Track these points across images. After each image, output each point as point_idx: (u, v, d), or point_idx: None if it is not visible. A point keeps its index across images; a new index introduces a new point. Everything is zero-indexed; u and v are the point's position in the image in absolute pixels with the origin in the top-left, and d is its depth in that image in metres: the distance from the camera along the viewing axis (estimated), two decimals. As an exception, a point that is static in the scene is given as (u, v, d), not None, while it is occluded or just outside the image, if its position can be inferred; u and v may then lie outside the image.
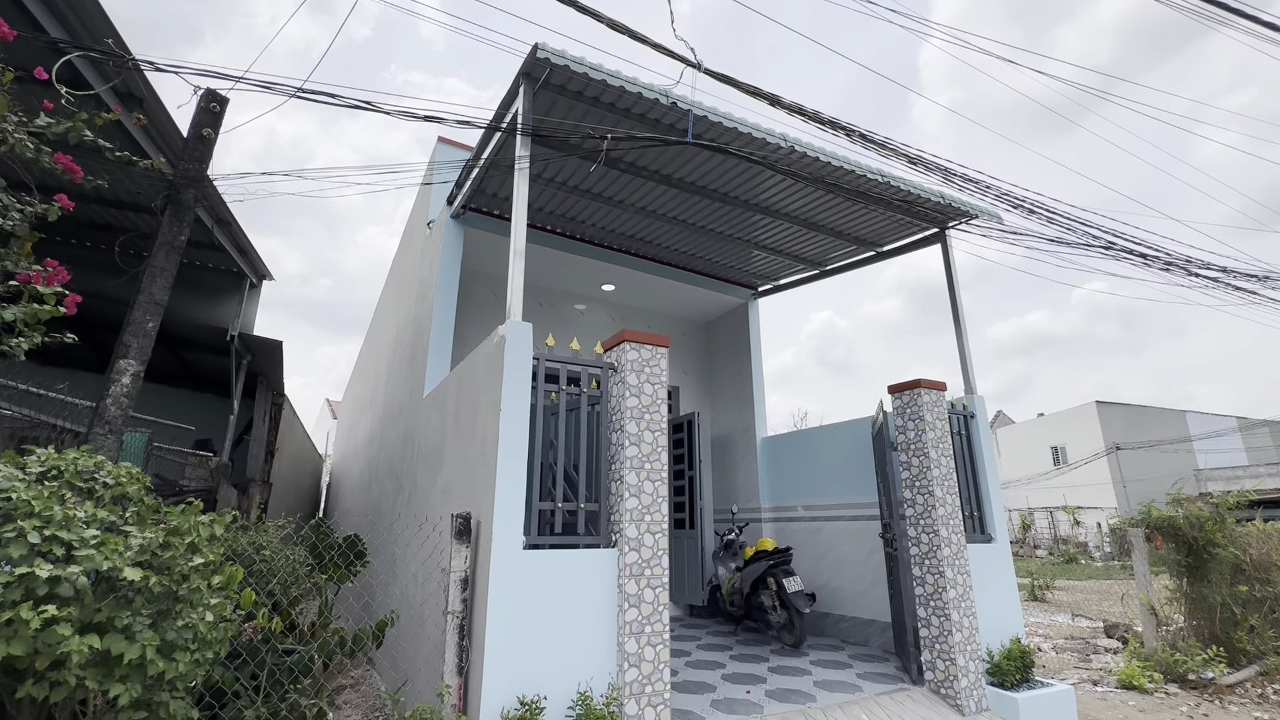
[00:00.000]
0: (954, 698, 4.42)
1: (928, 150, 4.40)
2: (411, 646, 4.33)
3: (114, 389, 2.84)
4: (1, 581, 1.55)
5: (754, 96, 3.97)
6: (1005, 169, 61.51)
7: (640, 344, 3.89)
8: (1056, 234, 4.79)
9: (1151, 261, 5.03)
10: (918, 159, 4.40)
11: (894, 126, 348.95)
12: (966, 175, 4.50)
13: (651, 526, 3.60)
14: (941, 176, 4.51)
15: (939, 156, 4.38)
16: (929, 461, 4.87)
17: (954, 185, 4.60)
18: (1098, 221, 4.96)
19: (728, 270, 8.04)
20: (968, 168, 4.51)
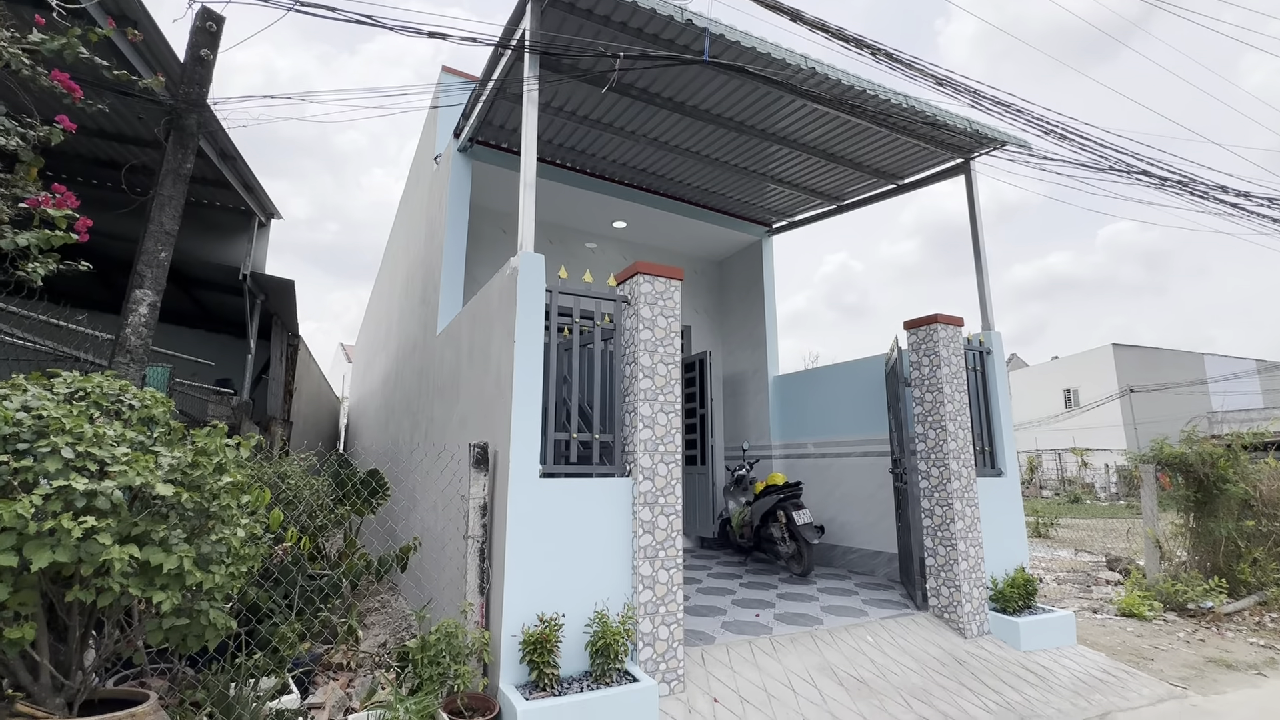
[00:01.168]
0: (956, 622, 4.57)
1: (956, 73, 4.16)
2: (434, 570, 4.51)
3: (132, 318, 2.86)
4: (41, 493, 1.61)
5: (774, 10, 3.74)
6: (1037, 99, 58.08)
7: (654, 276, 3.83)
8: (1090, 162, 4.58)
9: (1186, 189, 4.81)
10: (945, 80, 4.18)
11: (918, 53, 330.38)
12: (996, 99, 4.27)
13: (665, 457, 3.65)
14: (970, 100, 4.29)
15: (968, 78, 4.15)
16: (942, 397, 4.86)
17: (982, 110, 4.38)
18: (1134, 149, 4.73)
19: (742, 206, 7.84)
20: (998, 89, 4.28)
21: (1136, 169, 4.79)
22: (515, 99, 5.38)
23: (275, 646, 2.95)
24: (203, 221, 6.86)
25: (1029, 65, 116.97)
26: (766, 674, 3.72)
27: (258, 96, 3.13)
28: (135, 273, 2.89)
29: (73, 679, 1.92)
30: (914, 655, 4.18)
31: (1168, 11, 5.98)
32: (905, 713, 3.46)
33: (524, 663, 3.06)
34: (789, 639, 4.16)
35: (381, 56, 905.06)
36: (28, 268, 2.12)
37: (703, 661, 3.75)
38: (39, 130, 2.14)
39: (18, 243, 2.09)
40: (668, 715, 3.20)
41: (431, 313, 6.14)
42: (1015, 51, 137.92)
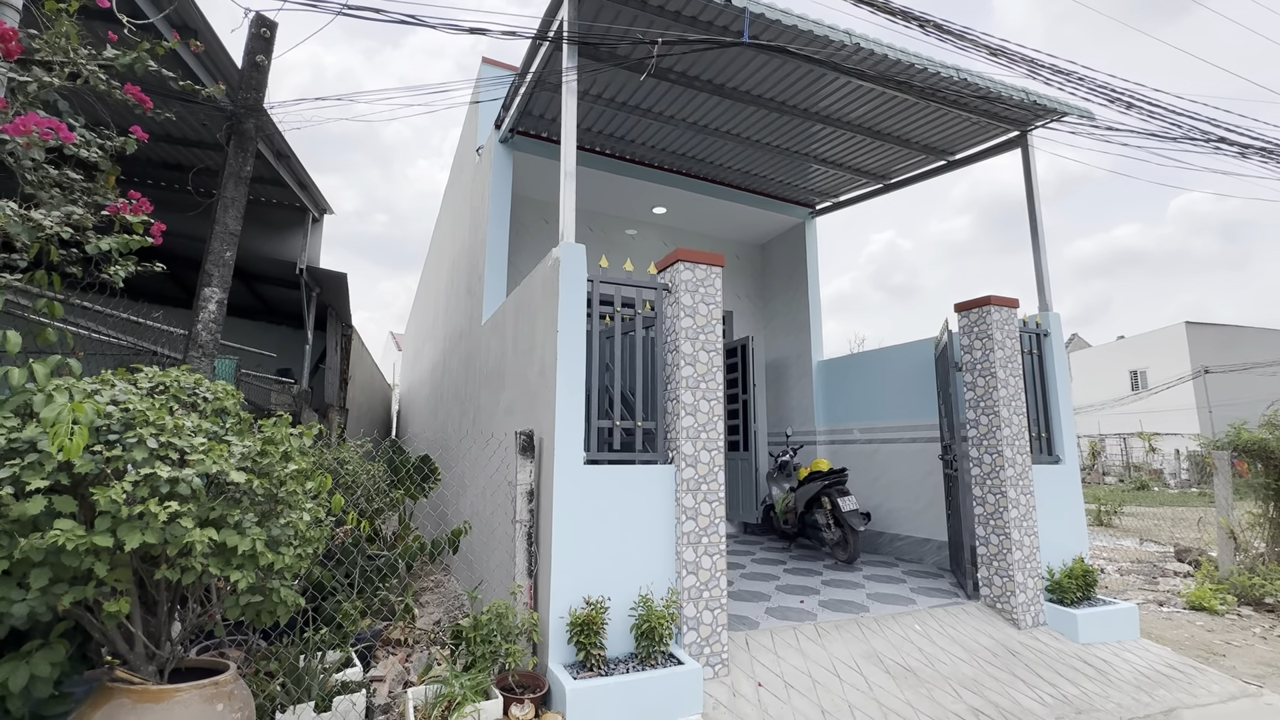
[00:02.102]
0: (1010, 612, 4.45)
1: (1012, 41, 3.95)
2: (483, 552, 4.67)
3: (202, 315, 3.06)
4: (130, 480, 1.75)
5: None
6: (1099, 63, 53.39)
7: (694, 263, 3.82)
8: (1161, 130, 4.30)
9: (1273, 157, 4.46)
10: (1000, 49, 3.97)
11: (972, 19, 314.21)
12: (1056, 67, 4.04)
13: (707, 444, 3.67)
14: (1027, 69, 4.08)
15: (1024, 46, 3.94)
16: (996, 381, 4.69)
17: (1041, 80, 4.15)
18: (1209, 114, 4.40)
19: (784, 188, 7.69)
20: (1058, 57, 4.05)
21: (1214, 136, 4.47)
22: (554, 88, 5.41)
23: (340, 623, 3.13)
24: (261, 219, 7.19)
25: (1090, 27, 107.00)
26: (811, 660, 3.73)
27: (310, 99, 3.27)
28: (204, 272, 3.07)
29: (162, 649, 2.10)
30: (964, 645, 4.10)
31: (1252, -39, 5.47)
32: (954, 702, 3.41)
33: (571, 643, 3.15)
34: (834, 626, 4.14)
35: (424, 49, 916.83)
36: (110, 270, 2.29)
37: (746, 646, 3.78)
38: (115, 140, 2.29)
39: (100, 247, 2.25)
40: (712, 698, 3.25)
41: (477, 303, 6.29)
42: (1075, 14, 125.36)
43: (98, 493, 1.70)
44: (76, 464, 1.70)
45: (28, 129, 1.85)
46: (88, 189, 2.26)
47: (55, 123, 1.92)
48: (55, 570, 1.71)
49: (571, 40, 3.63)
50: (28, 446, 1.75)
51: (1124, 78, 3.92)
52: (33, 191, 2.03)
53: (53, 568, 1.71)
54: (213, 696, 2.00)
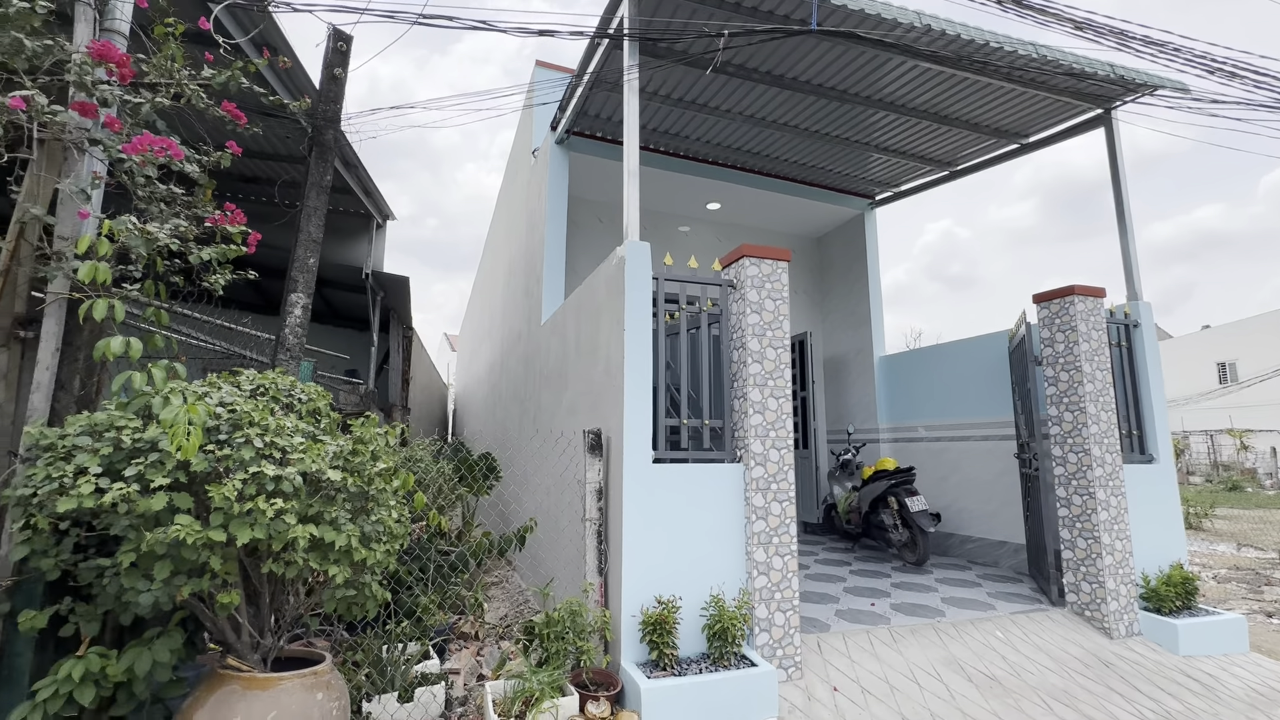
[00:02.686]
0: (1100, 620, 4.20)
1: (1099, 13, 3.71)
2: (549, 550, 4.73)
3: (289, 320, 3.21)
4: (240, 478, 1.84)
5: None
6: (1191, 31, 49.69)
7: (760, 258, 3.76)
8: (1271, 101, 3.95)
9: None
10: (1085, 23, 3.73)
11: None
12: (1148, 38, 3.77)
13: (776, 442, 3.60)
14: (1115, 42, 3.81)
15: (1112, 17, 3.69)
16: (1081, 376, 4.43)
17: (1129, 53, 3.88)
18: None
19: (842, 179, 7.48)
20: (1150, 27, 3.77)
21: (1330, 104, 4.07)
22: (612, 87, 5.43)
23: (419, 616, 3.22)
24: (330, 226, 7.47)
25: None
26: (887, 665, 3.61)
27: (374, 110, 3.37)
28: (289, 278, 3.22)
29: (265, 638, 2.20)
30: (1051, 654, 3.89)
31: (1371, -90, 4.95)
32: (1046, 715, 3.23)
33: (643, 642, 3.15)
34: (909, 630, 4.00)
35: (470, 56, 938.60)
36: (210, 279, 2.42)
37: (819, 649, 3.69)
38: (212, 155, 2.42)
39: (202, 257, 2.38)
40: (786, 701, 3.19)
41: (535, 304, 6.38)
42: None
43: (213, 489, 1.79)
44: (193, 462, 1.80)
45: (144, 147, 1.97)
46: (188, 203, 2.38)
47: (168, 141, 2.04)
48: (174, 563, 1.82)
49: (633, 36, 3.62)
50: (149, 446, 1.86)
51: (1226, 46, 3.61)
52: (144, 206, 2.16)
53: (172, 560, 1.81)
54: (313, 685, 2.09)
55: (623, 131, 6.37)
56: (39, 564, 1.83)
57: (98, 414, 1.89)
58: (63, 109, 1.93)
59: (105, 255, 1.94)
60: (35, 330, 2.12)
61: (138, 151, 1.98)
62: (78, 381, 2.14)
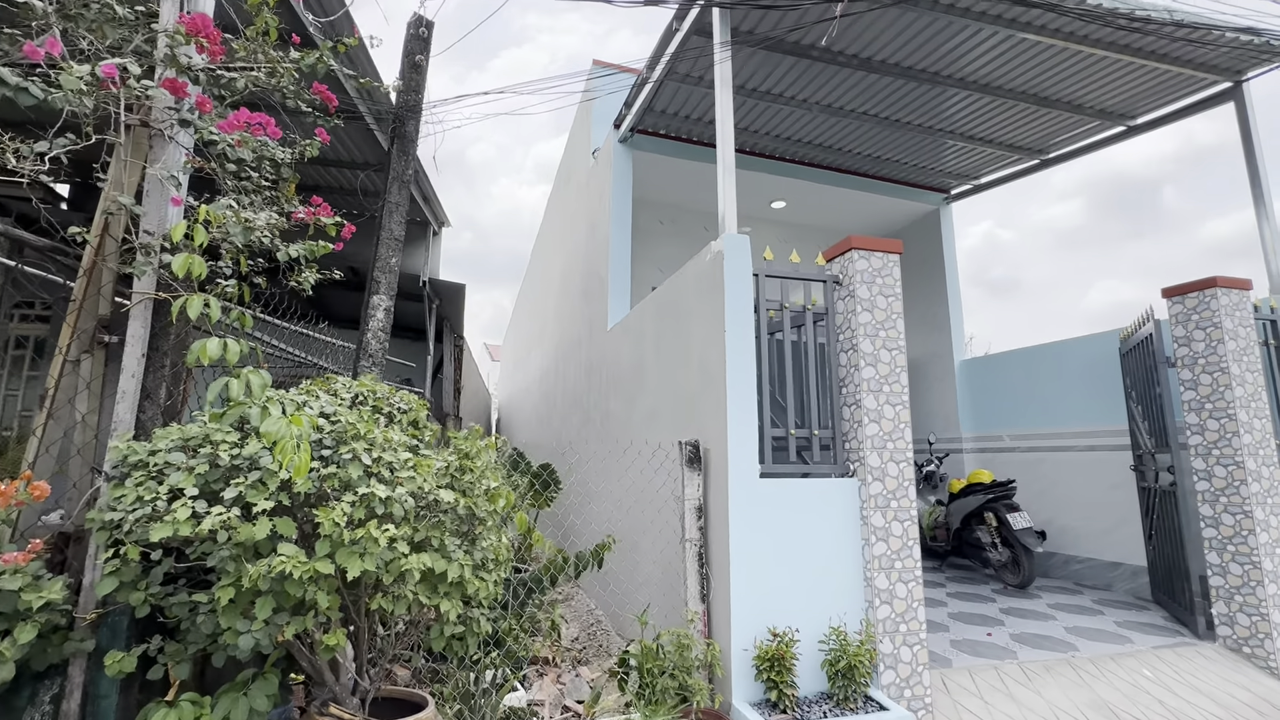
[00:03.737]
0: (1265, 659, 3.66)
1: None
2: (626, 570, 4.42)
3: (371, 323, 3.02)
4: (348, 500, 1.59)
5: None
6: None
7: (870, 251, 3.40)
8: None
9: None
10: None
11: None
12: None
13: (895, 455, 3.22)
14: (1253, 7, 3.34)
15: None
16: (1228, 379, 3.92)
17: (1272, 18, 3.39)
18: None
19: (916, 172, 7.05)
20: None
21: None
22: (683, 79, 5.16)
23: (509, 645, 2.94)
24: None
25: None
26: (1026, 708, 3.17)
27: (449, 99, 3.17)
28: (371, 279, 3.03)
29: (363, 679, 1.95)
30: (1215, 699, 3.38)
31: None
32: (1234, 775, 2.76)
33: (758, 680, 2.81)
34: (1043, 667, 3.55)
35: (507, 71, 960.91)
36: (300, 277, 2.21)
37: (945, 688, 3.28)
38: (300, 143, 2.22)
39: (290, 254, 2.17)
40: (923, 751, 2.80)
41: (598, 308, 6.13)
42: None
43: (321, 514, 1.54)
44: (297, 483, 1.56)
45: (240, 125, 1.76)
46: (273, 197, 2.18)
47: (264, 117, 1.83)
48: (277, 599, 1.57)
49: (725, 4, 3.31)
50: (248, 464, 1.63)
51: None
52: (235, 197, 1.95)
53: (275, 596, 1.57)
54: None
55: (690, 127, 6.15)
56: (127, 597, 1.61)
57: (191, 426, 1.68)
58: (154, 84, 1.74)
59: (201, 245, 1.74)
60: (120, 334, 1.93)
61: (233, 129, 1.77)
62: (164, 390, 1.94)
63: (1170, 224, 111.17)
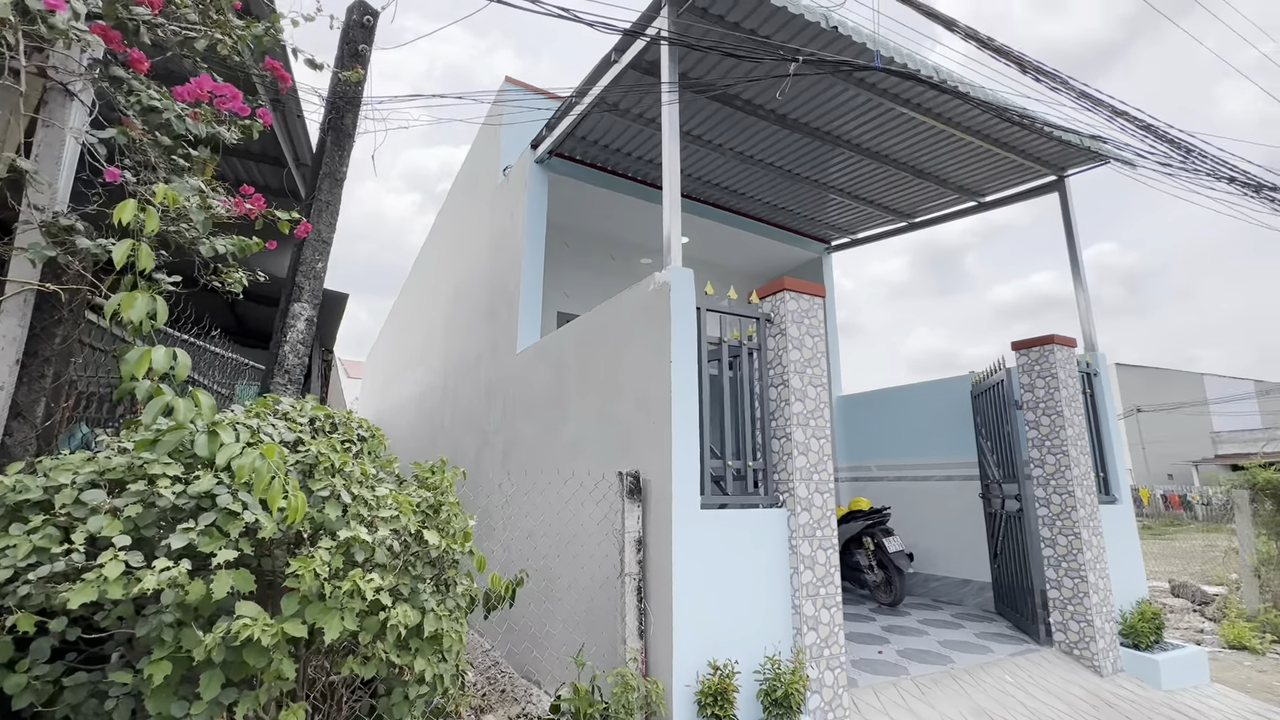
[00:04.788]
0: (1090, 659, 4.33)
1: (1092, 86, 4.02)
2: (538, 606, 4.21)
3: (290, 334, 2.59)
4: (326, 546, 1.34)
5: (929, 18, 3.59)
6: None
7: (800, 293, 3.63)
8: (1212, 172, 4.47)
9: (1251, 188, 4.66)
10: (1083, 93, 4.04)
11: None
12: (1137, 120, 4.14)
13: (820, 485, 3.42)
14: (1107, 115, 4.15)
15: (1104, 93, 4.02)
16: (1062, 421, 4.67)
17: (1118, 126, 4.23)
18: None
19: (805, 222, 7.70)
20: (1127, 105, 4.16)
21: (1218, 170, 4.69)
22: (608, 111, 5.22)
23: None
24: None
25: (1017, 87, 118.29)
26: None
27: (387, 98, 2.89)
28: (293, 285, 2.62)
29: (296, 758, 1.63)
30: (1060, 697, 3.93)
31: (1152, 35, 5.93)
32: (1088, 765, 3.20)
33: (701, 716, 2.78)
34: (930, 680, 3.90)
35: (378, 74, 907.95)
36: (230, 278, 1.86)
37: (856, 707, 3.48)
38: (241, 122, 1.90)
39: (216, 248, 1.83)
40: (847, 772, 2.93)
41: (505, 328, 5.90)
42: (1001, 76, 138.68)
43: (299, 565, 1.28)
44: (265, 527, 1.29)
45: (203, 94, 1.46)
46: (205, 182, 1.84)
47: (229, 88, 1.53)
48: (228, 671, 1.27)
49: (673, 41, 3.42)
50: (192, 504, 1.32)
51: (1180, 128, 4.03)
52: (167, 177, 1.62)
53: (225, 668, 1.26)
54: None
55: (609, 157, 6.20)
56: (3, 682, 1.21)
57: (110, 457, 1.32)
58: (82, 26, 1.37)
59: (151, 233, 1.38)
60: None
61: (193, 97, 1.46)
62: (42, 408, 1.51)
63: (969, 286, 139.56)
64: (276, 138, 4.09)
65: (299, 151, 5.10)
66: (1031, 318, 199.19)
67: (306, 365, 2.71)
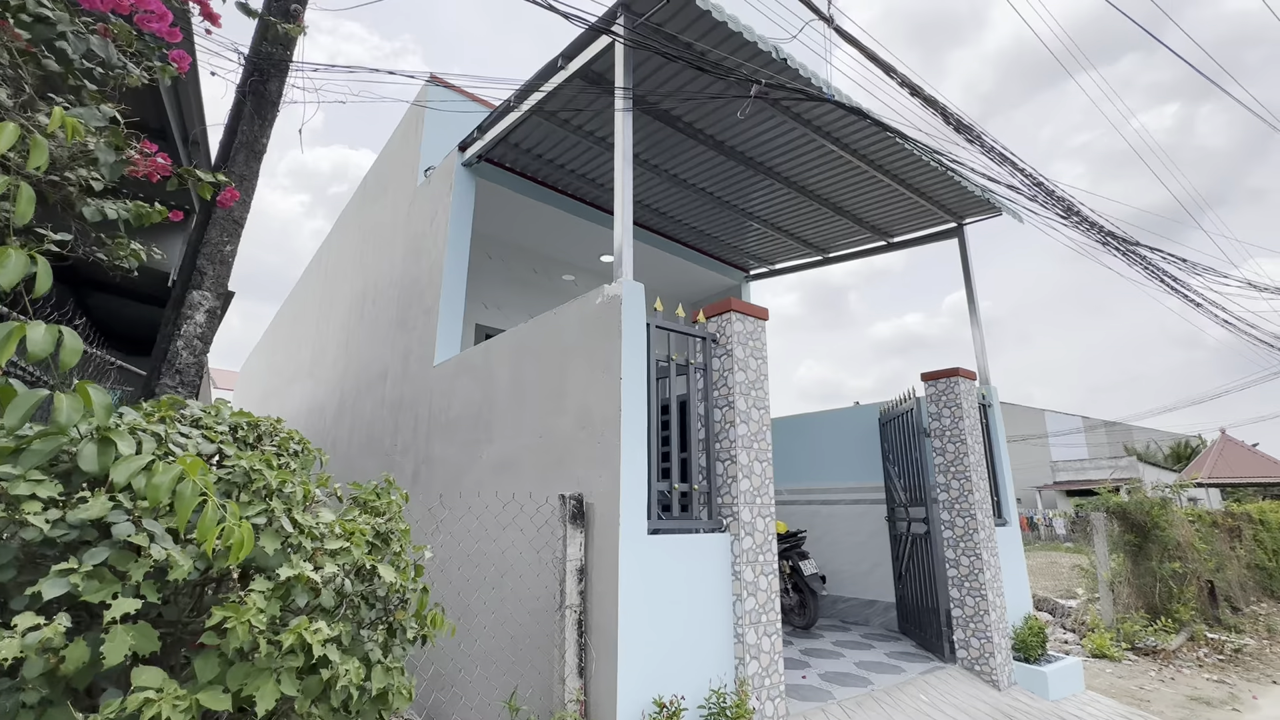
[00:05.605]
0: (990, 674, 4.59)
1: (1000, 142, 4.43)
2: (452, 647, 3.82)
3: (186, 328, 2.13)
4: (261, 589, 1.04)
5: (875, 63, 3.79)
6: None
7: (745, 315, 3.63)
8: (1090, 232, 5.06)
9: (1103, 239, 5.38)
10: (992, 149, 4.44)
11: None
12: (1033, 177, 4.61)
13: (762, 509, 3.38)
14: (1010, 170, 4.59)
15: (1010, 150, 4.45)
16: (966, 448, 5.01)
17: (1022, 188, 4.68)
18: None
19: (727, 250, 7.89)
20: (1025, 162, 4.62)
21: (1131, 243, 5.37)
22: (548, 118, 5.05)
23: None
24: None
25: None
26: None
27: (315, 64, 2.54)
28: (195, 270, 2.18)
29: None
30: (968, 713, 4.11)
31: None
32: (1004, 779, 3.34)
33: (647, 760, 2.59)
34: (854, 703, 3.94)
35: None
36: (124, 251, 1.49)
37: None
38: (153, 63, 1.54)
39: (107, 213, 1.46)
40: (790, 807, 2.84)
41: (421, 339, 5.47)
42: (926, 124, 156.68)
43: (229, 614, 0.98)
44: (177, 566, 0.98)
45: (123, 6, 1.13)
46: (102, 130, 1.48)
47: (159, 6, 1.20)
48: (112, 764, 0.93)
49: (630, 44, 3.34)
50: (72, 536, 0.97)
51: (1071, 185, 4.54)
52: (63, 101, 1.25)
53: (109, 760, 0.93)
54: None
55: (541, 167, 6.00)
56: None
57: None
58: None
59: (39, 169, 1.01)
60: None
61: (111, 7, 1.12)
62: None
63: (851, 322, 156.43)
64: (163, 102, 3.53)
65: (188, 123, 4.47)
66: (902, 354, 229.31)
67: (202, 367, 2.27)
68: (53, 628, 0.85)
